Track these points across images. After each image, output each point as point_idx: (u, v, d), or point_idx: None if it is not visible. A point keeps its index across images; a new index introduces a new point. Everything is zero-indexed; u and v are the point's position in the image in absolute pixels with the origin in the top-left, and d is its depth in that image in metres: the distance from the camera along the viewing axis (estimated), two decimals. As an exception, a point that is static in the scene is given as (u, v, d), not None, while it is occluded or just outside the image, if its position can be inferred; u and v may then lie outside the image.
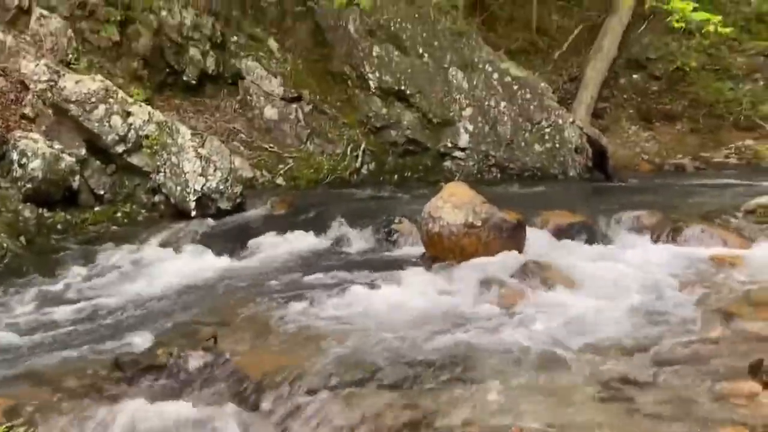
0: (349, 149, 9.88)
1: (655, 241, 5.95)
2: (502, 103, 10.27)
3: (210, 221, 6.99)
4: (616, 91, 13.03)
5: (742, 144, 11.98)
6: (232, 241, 6.45)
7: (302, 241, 6.34)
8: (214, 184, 7.19)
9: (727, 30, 9.46)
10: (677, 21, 8.50)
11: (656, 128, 12.56)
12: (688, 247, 5.71)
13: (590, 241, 6.04)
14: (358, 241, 6.35)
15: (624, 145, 12.21)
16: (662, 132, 12.49)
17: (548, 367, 3.55)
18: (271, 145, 9.45)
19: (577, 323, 4.12)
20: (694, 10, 8.58)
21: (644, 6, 11.05)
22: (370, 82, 10.30)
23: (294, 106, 9.88)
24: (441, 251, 5.64)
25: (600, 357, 3.68)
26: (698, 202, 7.53)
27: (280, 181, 9.11)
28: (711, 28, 8.34)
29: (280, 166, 9.25)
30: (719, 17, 8.47)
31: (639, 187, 9.39)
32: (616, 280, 4.88)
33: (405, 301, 4.54)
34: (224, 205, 7.23)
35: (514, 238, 5.64)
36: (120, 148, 7.14)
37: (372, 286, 4.83)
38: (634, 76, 13.10)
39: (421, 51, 10.41)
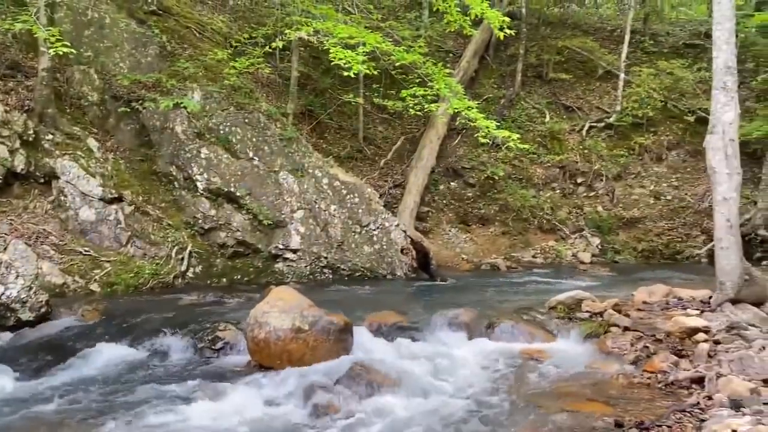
0: (173, 252, 9.46)
1: (472, 337, 6.34)
2: (332, 207, 10.61)
3: (8, 335, 6.25)
4: (437, 197, 14.10)
5: (546, 245, 13.39)
6: (33, 357, 5.78)
7: (115, 353, 5.85)
8: (14, 293, 6.50)
9: (526, 145, 10.82)
10: (483, 137, 9.59)
11: (473, 230, 13.67)
12: (501, 342, 6.16)
13: (414, 339, 6.26)
14: (180, 351, 6.00)
15: (445, 246, 13.08)
16: (478, 234, 13.61)
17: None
18: (86, 248, 8.77)
19: (398, 426, 4.17)
20: (498, 127, 9.75)
21: (457, 121, 12.30)
22: (198, 184, 10.16)
23: (114, 207, 9.35)
24: (267, 358, 5.52)
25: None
26: (509, 299, 8.19)
27: (94, 287, 8.40)
28: (511, 144, 9.49)
29: (96, 270, 8.57)
30: (517, 135, 9.68)
31: (459, 285, 10.02)
32: (436, 377, 5.12)
33: (226, 417, 4.33)
34: (26, 315, 6.53)
35: (341, 341, 5.71)
36: None
37: (191, 401, 4.57)
38: (452, 183, 14.32)
39: (251, 155, 10.56)
